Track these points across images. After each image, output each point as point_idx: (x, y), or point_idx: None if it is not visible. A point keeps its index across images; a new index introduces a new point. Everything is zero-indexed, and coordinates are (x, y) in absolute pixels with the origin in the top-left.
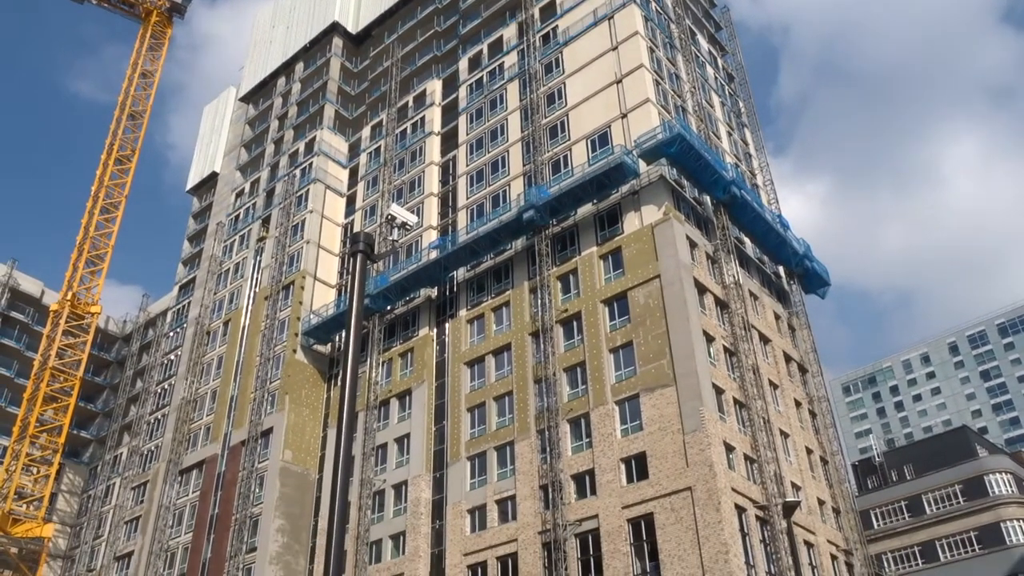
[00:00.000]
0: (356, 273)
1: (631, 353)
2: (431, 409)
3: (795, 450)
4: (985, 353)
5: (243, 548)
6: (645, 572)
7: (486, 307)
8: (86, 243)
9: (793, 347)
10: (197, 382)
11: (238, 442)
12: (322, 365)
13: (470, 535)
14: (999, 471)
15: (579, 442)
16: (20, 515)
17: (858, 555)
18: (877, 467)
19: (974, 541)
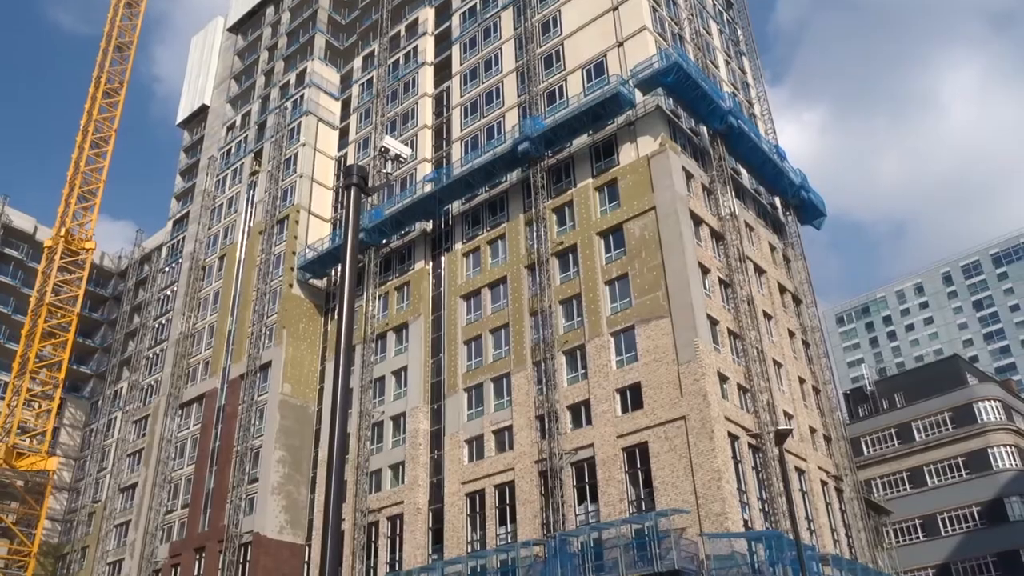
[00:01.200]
0: (350, 207)
1: (626, 285)
2: (428, 342)
3: (788, 380)
4: (978, 283)
5: (245, 479)
6: (640, 499)
7: (482, 240)
8: (77, 178)
9: (788, 278)
10: (194, 317)
11: (237, 376)
12: (319, 299)
13: (468, 464)
14: (988, 399)
15: (575, 373)
16: (24, 449)
17: (847, 481)
18: (868, 396)
19: (961, 467)
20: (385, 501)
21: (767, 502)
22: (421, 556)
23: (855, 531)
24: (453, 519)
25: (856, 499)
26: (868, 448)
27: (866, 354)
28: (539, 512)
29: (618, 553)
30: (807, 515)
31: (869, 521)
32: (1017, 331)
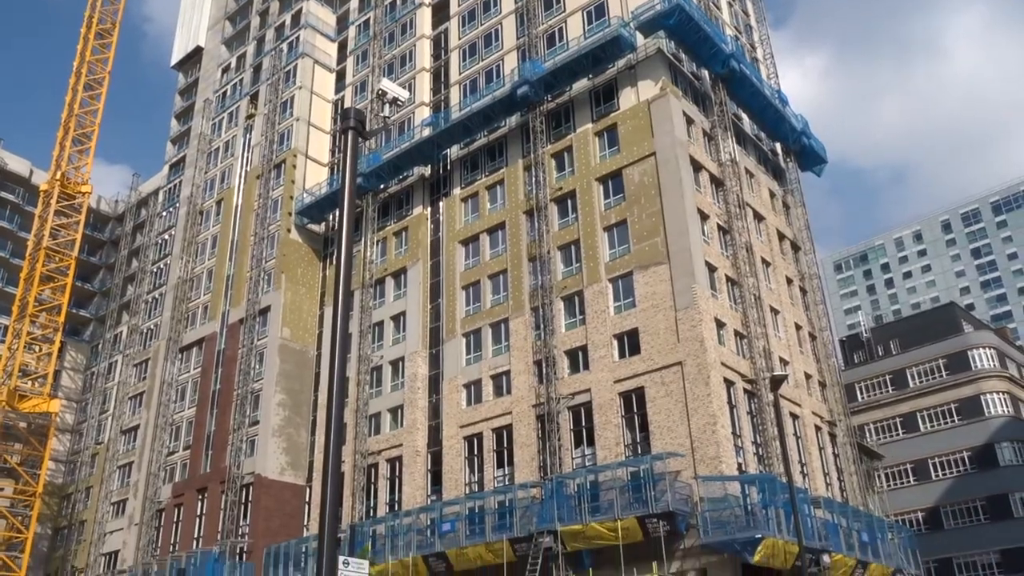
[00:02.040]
0: (348, 150)
1: (625, 231)
2: (426, 287)
3: (784, 326)
4: (977, 231)
5: (246, 421)
6: (636, 443)
7: (480, 185)
8: (72, 121)
9: (787, 225)
10: (192, 261)
11: (236, 320)
12: (317, 244)
13: (466, 408)
14: (983, 346)
15: (572, 319)
16: (26, 391)
17: (841, 426)
18: (864, 343)
19: (954, 412)
20: (384, 444)
21: (761, 446)
22: (420, 497)
23: (847, 475)
24: (451, 461)
25: (849, 444)
26: (862, 394)
27: (863, 301)
28: (536, 455)
29: (614, 495)
30: (800, 459)
31: (861, 465)
32: (1014, 279)
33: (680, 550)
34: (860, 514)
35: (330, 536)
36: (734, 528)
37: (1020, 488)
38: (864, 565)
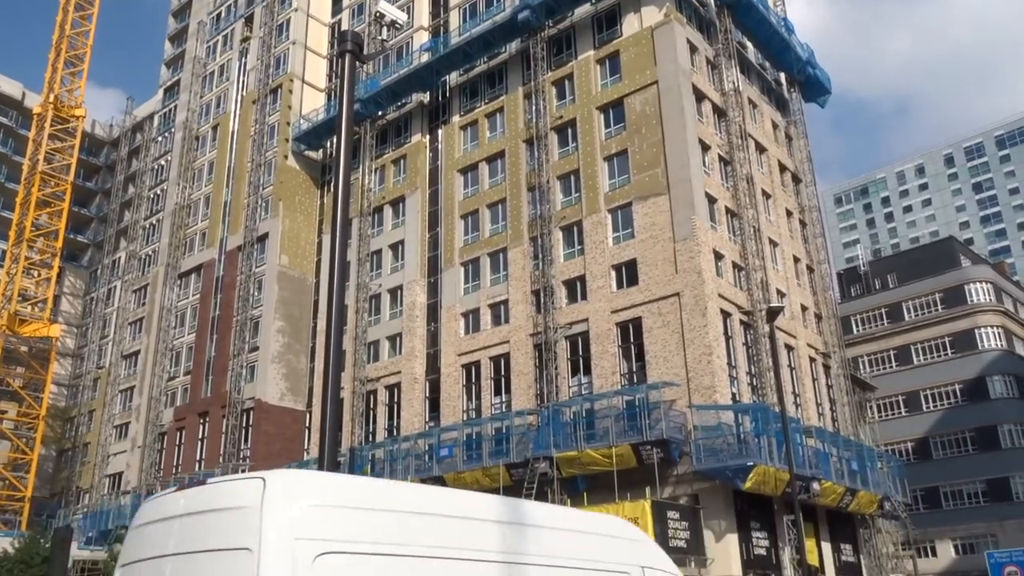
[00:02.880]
0: (345, 75)
1: (625, 161)
2: (425, 216)
3: (783, 258)
4: (980, 165)
5: (245, 348)
6: (632, 372)
7: (479, 113)
8: (63, 42)
9: (788, 157)
10: (189, 187)
11: (234, 247)
12: (314, 171)
13: (464, 337)
14: (979, 280)
15: (571, 249)
16: (26, 316)
17: (835, 358)
18: (861, 276)
19: (948, 346)
20: (383, 371)
21: (755, 376)
22: (418, 423)
23: (839, 406)
24: (449, 389)
25: (842, 375)
26: (858, 327)
27: (862, 235)
28: (533, 383)
29: (609, 423)
30: (794, 390)
31: (853, 396)
32: (1015, 214)
33: (673, 476)
34: (851, 443)
35: (330, 459)
36: (726, 456)
37: (1009, 420)
38: (853, 493)
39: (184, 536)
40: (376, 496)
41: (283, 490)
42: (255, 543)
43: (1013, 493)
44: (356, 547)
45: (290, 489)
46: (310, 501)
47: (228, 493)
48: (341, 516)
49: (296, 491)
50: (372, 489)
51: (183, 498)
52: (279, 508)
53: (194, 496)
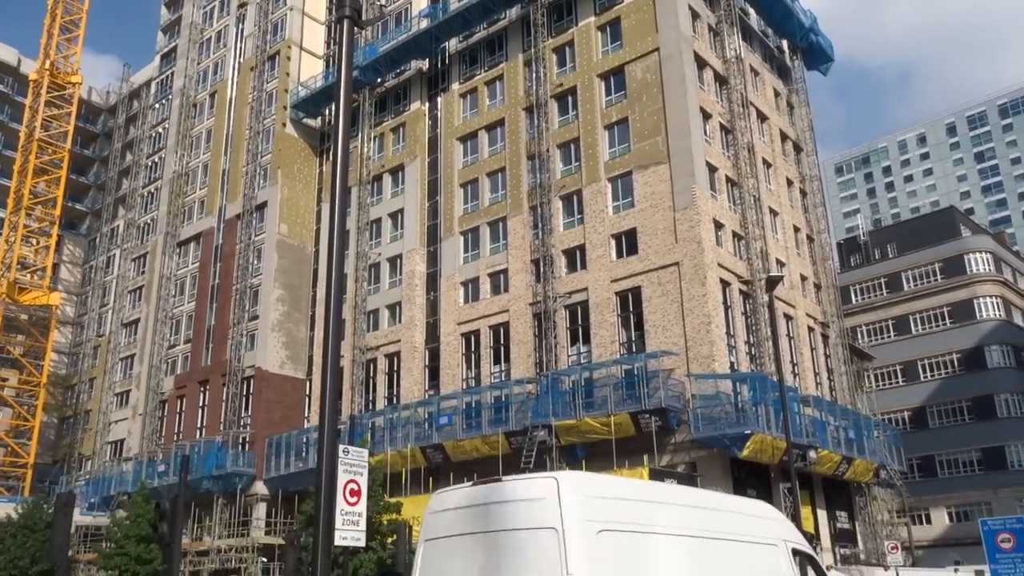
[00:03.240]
0: (344, 40)
1: (626, 130)
2: (424, 184)
3: (783, 228)
4: (982, 134)
5: (245, 316)
6: (630, 341)
7: (479, 80)
8: (58, 7)
9: (790, 125)
10: (187, 155)
11: (233, 215)
12: (313, 139)
13: (463, 306)
14: (979, 250)
15: (571, 218)
16: (26, 284)
17: (834, 327)
18: (861, 246)
19: (946, 316)
20: (383, 339)
21: (754, 346)
22: (418, 391)
23: (837, 375)
24: (449, 357)
25: (841, 345)
26: (857, 297)
27: (862, 204)
28: (532, 352)
29: (608, 392)
30: (792, 359)
31: (851, 366)
32: (1016, 184)
33: (671, 445)
34: (848, 412)
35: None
36: (724, 424)
37: (1006, 389)
38: (849, 461)
39: (489, 518)
40: (625, 490)
41: (570, 487)
42: (558, 523)
43: (1008, 462)
44: (618, 526)
45: (575, 486)
46: (588, 494)
47: (528, 488)
48: (607, 504)
49: (578, 487)
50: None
51: (482, 491)
52: (571, 499)
53: (493, 490)
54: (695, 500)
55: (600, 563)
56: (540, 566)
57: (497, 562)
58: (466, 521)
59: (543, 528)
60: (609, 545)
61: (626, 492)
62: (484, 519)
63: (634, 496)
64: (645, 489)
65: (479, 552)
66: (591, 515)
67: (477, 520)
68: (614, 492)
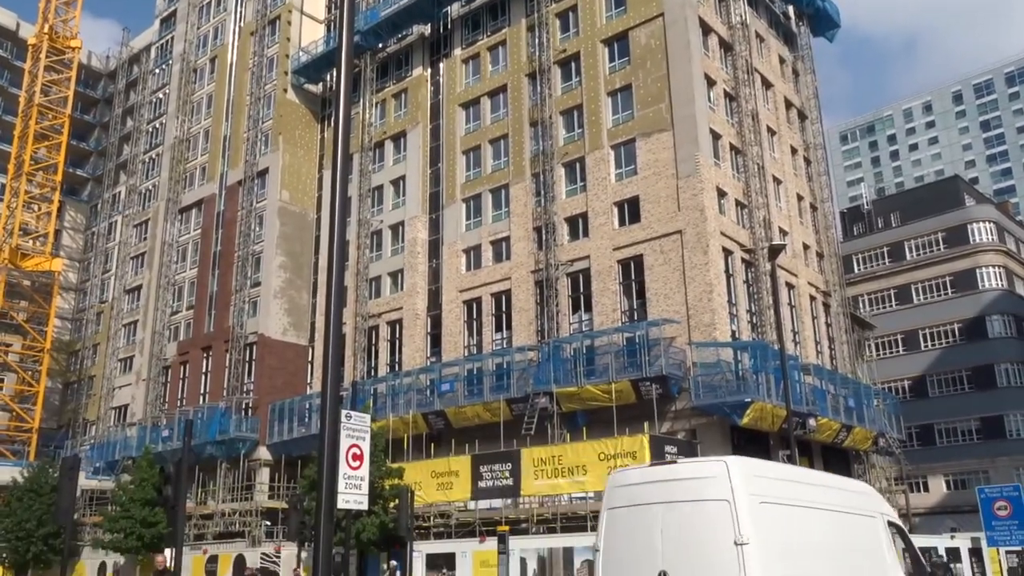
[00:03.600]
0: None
1: (629, 96)
2: (426, 151)
3: (786, 196)
4: (989, 103)
5: (247, 283)
6: (632, 309)
7: (482, 46)
8: None
9: (795, 93)
10: (188, 121)
11: (235, 182)
12: (314, 105)
13: (465, 273)
14: (982, 220)
15: (573, 186)
16: (28, 250)
17: (836, 296)
18: (865, 215)
19: (948, 285)
20: (385, 307)
21: (755, 315)
22: (420, 358)
23: (838, 344)
24: (451, 325)
25: (842, 314)
26: (859, 266)
27: (867, 173)
28: (534, 320)
29: (609, 359)
30: (793, 328)
31: (852, 335)
32: (1021, 153)
33: (671, 412)
34: (848, 381)
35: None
36: (724, 392)
37: (1007, 359)
38: (848, 429)
39: (669, 492)
40: (776, 471)
41: (738, 468)
42: (730, 496)
43: (1007, 431)
44: (772, 499)
45: (741, 467)
46: (750, 474)
47: (702, 468)
48: (764, 482)
49: (743, 468)
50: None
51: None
52: (738, 477)
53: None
54: (823, 480)
55: (762, 528)
56: (716, 529)
57: (678, 526)
58: (647, 494)
59: (717, 500)
60: (767, 514)
61: (776, 473)
62: (664, 492)
63: (782, 476)
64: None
65: (660, 518)
66: (753, 490)
67: (658, 493)
68: (768, 473)
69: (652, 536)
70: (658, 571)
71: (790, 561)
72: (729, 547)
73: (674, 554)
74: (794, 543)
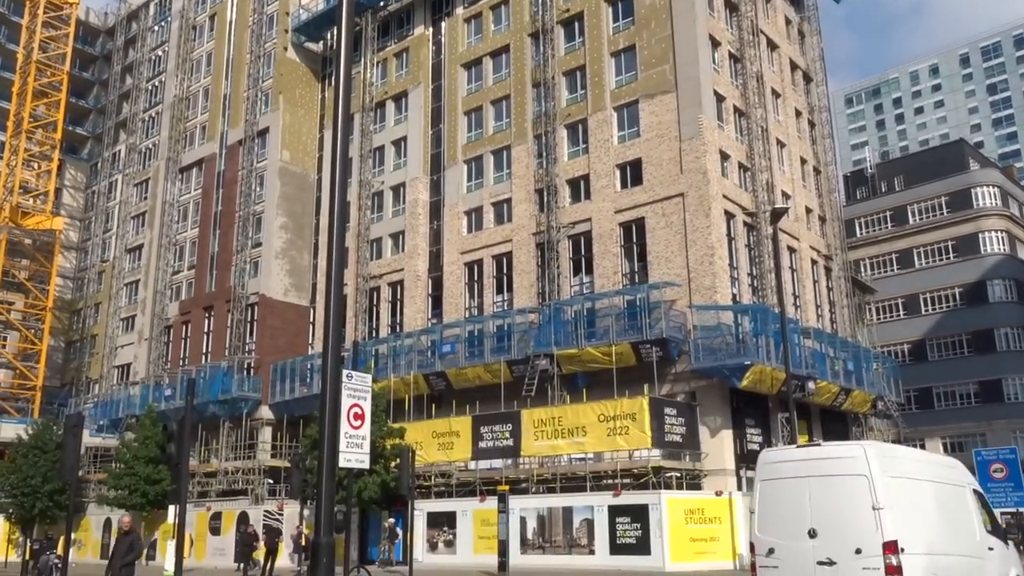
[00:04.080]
0: None
1: (633, 57)
2: (427, 112)
3: (789, 159)
4: (996, 66)
5: (248, 243)
6: (633, 272)
7: (484, 5)
8: None
9: (800, 55)
10: (188, 79)
11: (235, 141)
12: (315, 64)
13: (466, 235)
14: (986, 184)
15: (575, 147)
16: (28, 208)
17: (837, 260)
18: (868, 178)
19: (950, 250)
20: (386, 268)
21: (756, 278)
22: (421, 319)
23: (839, 307)
24: (452, 286)
25: (844, 278)
26: (862, 230)
27: (871, 137)
28: (535, 282)
29: (609, 322)
30: (794, 291)
31: (853, 299)
32: None
33: (671, 374)
34: (847, 345)
35: (334, 352)
36: (724, 355)
37: (1006, 323)
38: (847, 392)
39: (818, 468)
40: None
41: (872, 451)
42: (867, 472)
43: (1004, 394)
44: (898, 475)
45: (875, 450)
46: (882, 455)
47: (845, 450)
48: (891, 462)
49: (877, 451)
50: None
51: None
52: (873, 458)
53: (820, 450)
54: (928, 458)
55: (891, 496)
56: (856, 497)
57: (824, 494)
58: (798, 468)
59: (857, 475)
60: (895, 486)
61: (897, 454)
62: (811, 468)
63: (901, 456)
64: (906, 452)
65: (808, 488)
66: (885, 468)
67: (806, 469)
68: (893, 454)
69: (802, 502)
70: (808, 528)
71: (911, 521)
72: (868, 511)
73: (821, 516)
74: (913, 507)
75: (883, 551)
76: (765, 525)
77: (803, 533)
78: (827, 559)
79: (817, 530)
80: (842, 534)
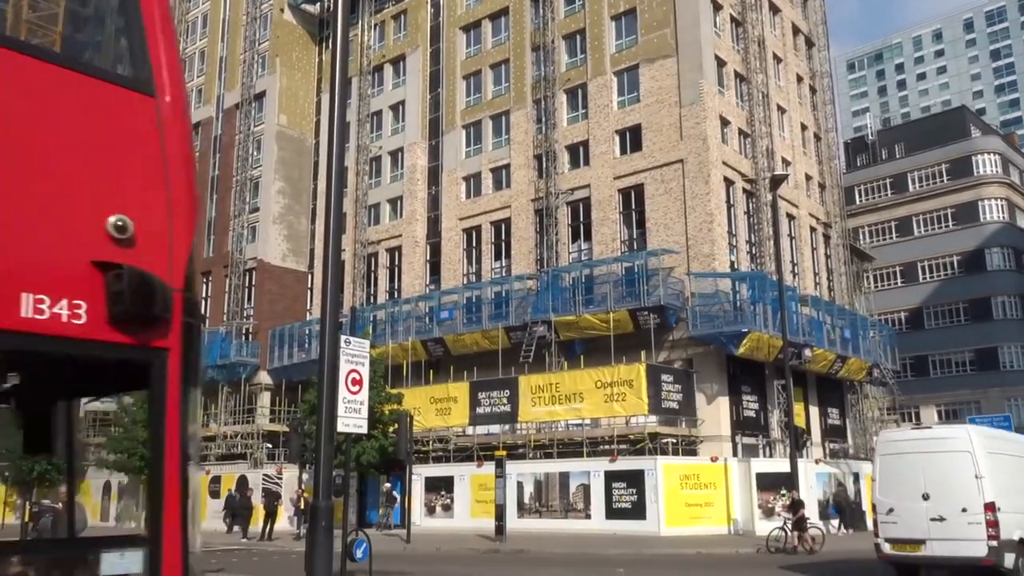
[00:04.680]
0: None
1: (633, 21)
2: (426, 76)
3: (790, 126)
4: (1000, 31)
5: (246, 208)
6: (632, 239)
7: None
8: None
9: (803, 19)
10: (183, 41)
11: (232, 105)
12: (312, 27)
13: (465, 201)
14: (987, 152)
15: (575, 113)
16: None
17: (836, 227)
18: (869, 145)
19: (950, 217)
20: (384, 234)
21: (755, 245)
22: (419, 286)
23: (837, 275)
24: (450, 252)
25: (842, 245)
26: (861, 197)
27: (873, 103)
28: (533, 249)
29: (607, 288)
30: (792, 259)
31: (851, 266)
32: None
33: (669, 341)
34: (845, 312)
35: (332, 318)
36: (722, 322)
37: (1004, 292)
38: (843, 359)
39: (929, 446)
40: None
41: (975, 432)
42: (971, 449)
43: (1000, 362)
44: (995, 451)
45: (977, 432)
46: (983, 436)
47: (951, 431)
48: (990, 441)
49: (979, 432)
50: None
51: (921, 433)
52: (976, 438)
53: (932, 432)
54: (1016, 438)
55: (990, 468)
56: (961, 469)
57: (935, 467)
58: (912, 447)
59: (963, 451)
60: (992, 460)
61: (995, 435)
62: (924, 446)
63: (998, 436)
64: (999, 433)
65: (921, 461)
66: (985, 446)
67: (920, 447)
68: (991, 435)
69: (916, 472)
70: (922, 493)
71: (1004, 487)
72: (971, 479)
73: (933, 484)
74: (1006, 477)
75: (984, 509)
76: (887, 489)
77: (918, 496)
78: (938, 516)
79: (930, 494)
80: (950, 497)
